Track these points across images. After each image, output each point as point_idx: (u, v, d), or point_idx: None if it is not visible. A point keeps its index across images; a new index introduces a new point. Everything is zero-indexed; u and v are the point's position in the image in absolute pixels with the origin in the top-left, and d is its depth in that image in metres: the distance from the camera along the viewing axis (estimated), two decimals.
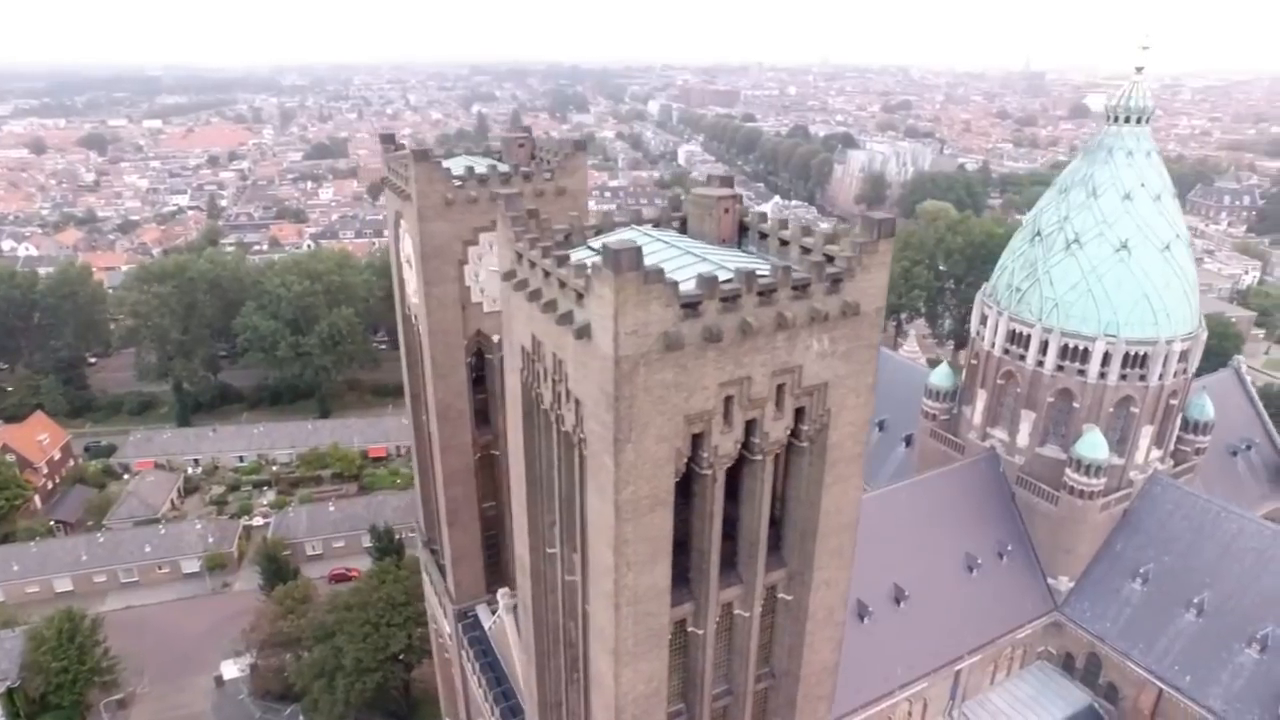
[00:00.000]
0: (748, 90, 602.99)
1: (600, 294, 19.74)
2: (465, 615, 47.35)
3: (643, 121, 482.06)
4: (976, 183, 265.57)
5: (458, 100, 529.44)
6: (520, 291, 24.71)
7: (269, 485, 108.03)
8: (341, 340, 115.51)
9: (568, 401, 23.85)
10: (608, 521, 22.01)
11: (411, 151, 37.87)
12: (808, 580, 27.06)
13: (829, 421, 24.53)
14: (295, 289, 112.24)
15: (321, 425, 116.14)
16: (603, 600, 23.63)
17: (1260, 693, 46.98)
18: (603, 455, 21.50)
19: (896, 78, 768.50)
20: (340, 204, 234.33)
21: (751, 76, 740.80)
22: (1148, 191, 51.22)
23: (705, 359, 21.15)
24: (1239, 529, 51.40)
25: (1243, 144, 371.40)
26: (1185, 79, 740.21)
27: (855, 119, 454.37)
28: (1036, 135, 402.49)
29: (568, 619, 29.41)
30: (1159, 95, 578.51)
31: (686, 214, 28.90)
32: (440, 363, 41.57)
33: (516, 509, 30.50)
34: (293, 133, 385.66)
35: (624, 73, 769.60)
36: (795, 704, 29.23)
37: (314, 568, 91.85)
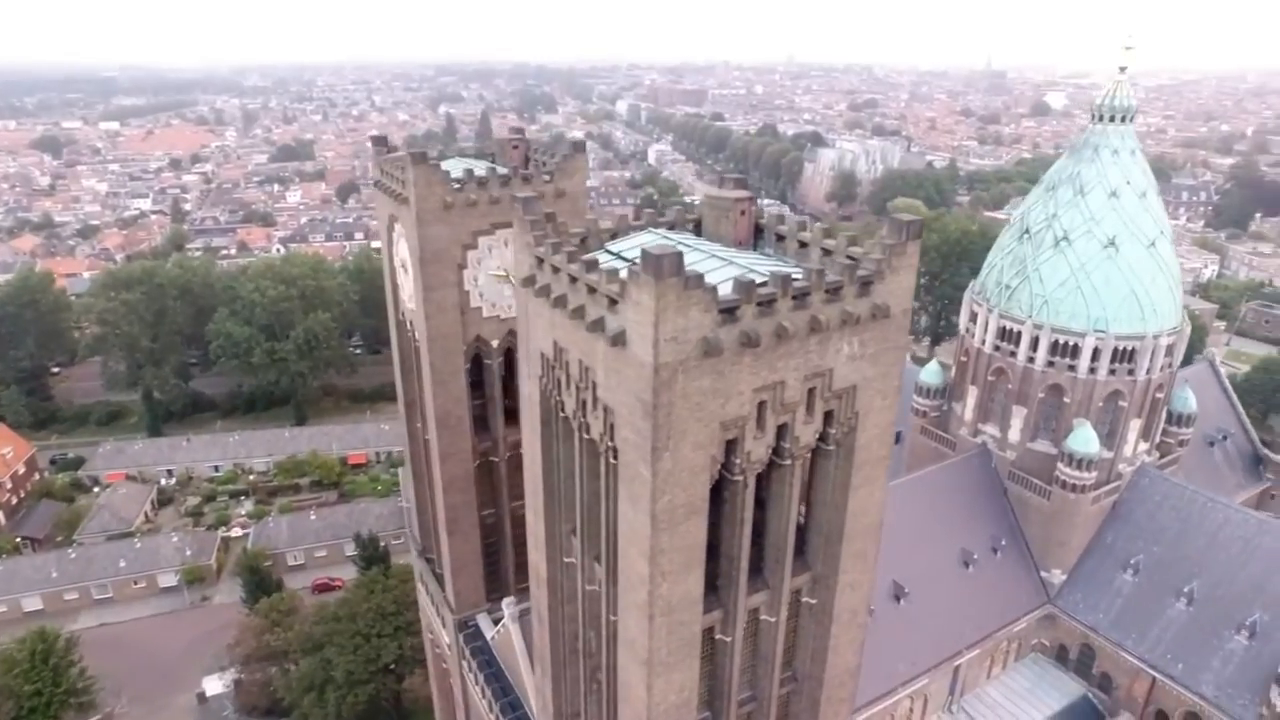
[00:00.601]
0: (715, 89, 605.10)
1: (638, 300, 19.35)
2: (466, 625, 46.59)
3: (611, 121, 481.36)
4: (945, 180, 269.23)
5: (424, 101, 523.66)
6: (542, 298, 24.23)
7: (246, 495, 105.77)
8: (318, 346, 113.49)
9: (594, 409, 23.44)
10: (643, 531, 21.64)
11: (409, 154, 37.10)
12: (832, 583, 26.96)
13: (857, 424, 24.43)
14: (270, 294, 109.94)
15: (299, 432, 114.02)
16: (635, 610, 23.26)
17: (1250, 678, 48.03)
18: (638, 464, 21.13)
19: (861, 76, 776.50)
20: (309, 207, 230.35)
21: (718, 76, 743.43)
22: (1133, 189, 52.09)
23: (741, 364, 20.88)
24: (1225, 518, 52.50)
25: (1195, 141, 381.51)
26: (1139, 78, 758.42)
27: (822, 117, 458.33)
28: (1000, 133, 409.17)
29: (588, 629, 29.01)
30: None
31: (701, 216, 28.63)
32: (439, 369, 40.80)
33: (532, 518, 30.02)
34: (257, 135, 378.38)
35: (590, 72, 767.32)
36: (818, 707, 29.13)
37: (296, 578, 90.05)
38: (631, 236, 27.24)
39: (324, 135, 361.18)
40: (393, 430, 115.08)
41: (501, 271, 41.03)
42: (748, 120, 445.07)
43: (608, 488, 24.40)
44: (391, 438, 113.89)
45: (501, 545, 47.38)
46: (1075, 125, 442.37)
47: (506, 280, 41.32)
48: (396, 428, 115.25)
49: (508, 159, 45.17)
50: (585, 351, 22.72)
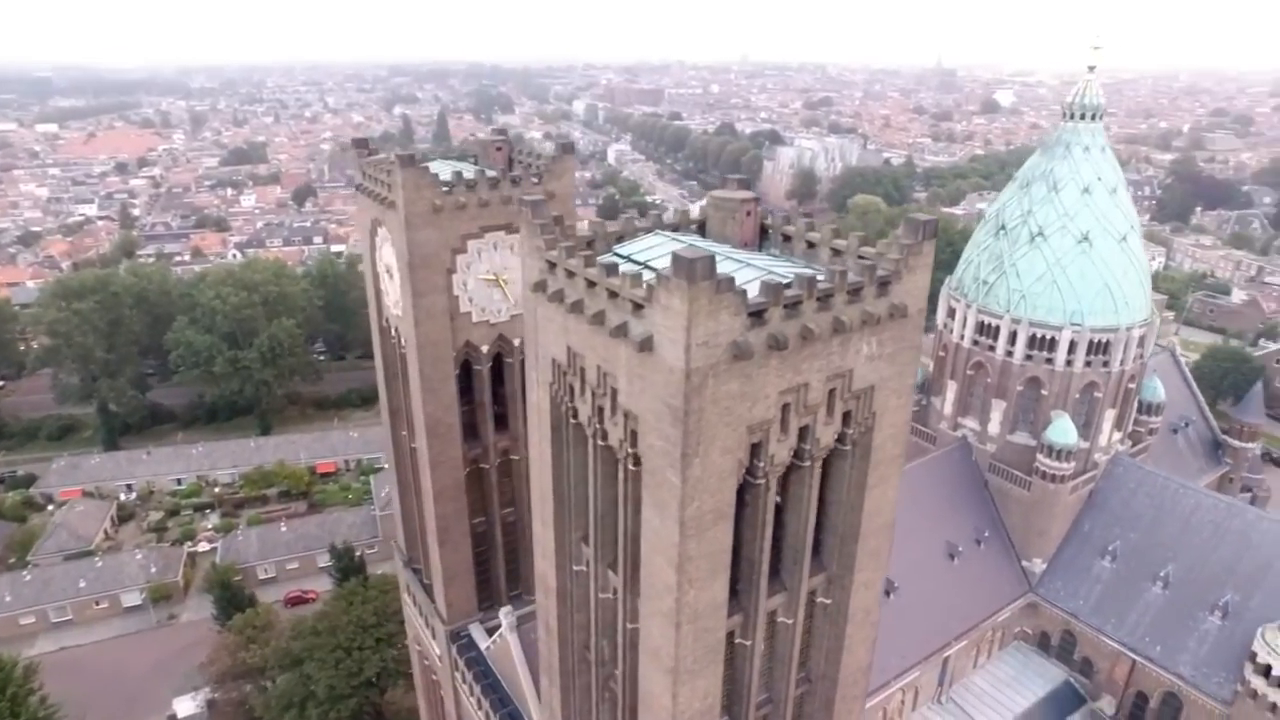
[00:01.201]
0: (671, 89, 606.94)
1: (668, 304, 19.05)
2: (458, 636, 45.76)
3: (569, 121, 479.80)
4: (902, 177, 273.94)
5: (378, 102, 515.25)
6: (555, 303, 23.79)
7: (212, 508, 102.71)
8: (283, 353, 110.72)
9: (613, 416, 23.08)
10: (670, 539, 21.35)
11: (397, 157, 36.26)
12: (847, 583, 26.98)
13: (874, 424, 24.47)
14: (231, 301, 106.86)
15: (264, 442, 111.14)
16: (659, 618, 22.96)
17: (1224, 657, 49.65)
18: (665, 471, 20.83)
19: (815, 75, 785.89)
20: (264, 211, 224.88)
21: (673, 75, 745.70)
22: (1104, 185, 53.39)
23: (768, 367, 20.72)
24: (1196, 504, 54.16)
25: (1137, 138, 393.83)
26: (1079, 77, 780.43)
27: (779, 116, 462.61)
28: (953, 130, 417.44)
29: (600, 637, 28.64)
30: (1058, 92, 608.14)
31: (705, 217, 28.42)
32: (429, 376, 39.96)
33: (539, 527, 29.48)
34: (206, 137, 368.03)
35: (546, 72, 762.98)
36: (833, 706, 29.15)
37: (268, 591, 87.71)
38: (639, 239, 26.91)
39: (276, 137, 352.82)
40: (362, 437, 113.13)
41: (491, 275, 40.45)
42: (705, 119, 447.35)
43: (626, 494, 24.07)
44: (360, 445, 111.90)
45: (492, 553, 46.66)
46: (1024, 122, 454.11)
47: (496, 284, 40.77)
48: (366, 435, 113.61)
49: (491, 160, 44.56)
50: (605, 357, 22.33)
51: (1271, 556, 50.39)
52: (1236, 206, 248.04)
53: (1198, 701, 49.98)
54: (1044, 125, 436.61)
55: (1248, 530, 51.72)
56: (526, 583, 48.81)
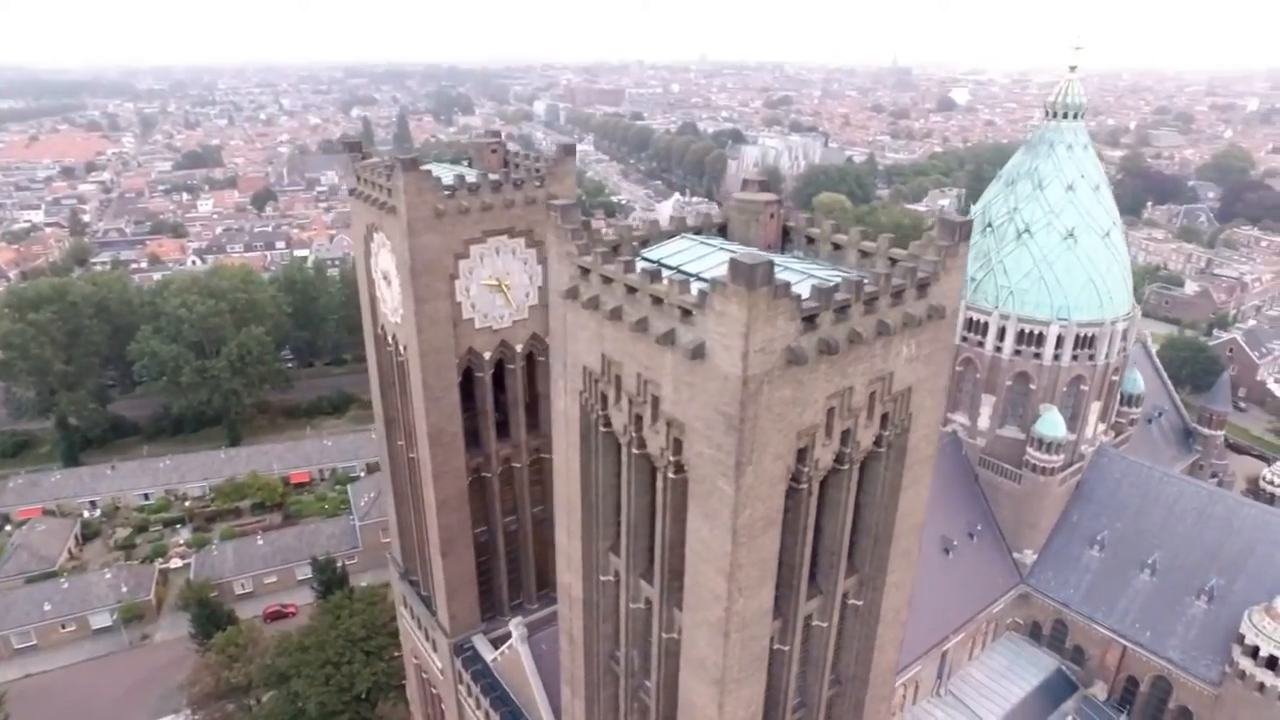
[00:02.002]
0: (632, 89, 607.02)
1: (723, 311, 18.74)
2: (462, 649, 44.92)
3: (530, 122, 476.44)
4: (865, 174, 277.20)
5: (335, 104, 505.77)
6: (590, 310, 23.34)
7: (182, 523, 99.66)
8: (252, 362, 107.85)
9: (654, 425, 22.71)
10: (721, 548, 21.05)
11: (400, 160, 35.40)
12: (879, 584, 26.98)
13: (909, 425, 24.48)
14: (198, 309, 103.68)
15: (235, 453, 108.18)
16: (705, 628, 22.64)
17: (1212, 640, 51.00)
18: (716, 480, 20.52)
19: (774, 74, 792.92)
20: (223, 216, 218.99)
21: (633, 75, 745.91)
22: (1088, 182, 54.47)
23: (818, 372, 20.55)
24: (1179, 491, 55.58)
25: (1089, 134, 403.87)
26: (1030, 75, 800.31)
27: (740, 115, 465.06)
28: (911, 128, 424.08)
29: (631, 647, 28.20)
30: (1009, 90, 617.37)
31: (727, 220, 28.21)
32: (432, 385, 39.12)
33: (564, 537, 28.95)
34: (157, 140, 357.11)
35: (505, 73, 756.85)
36: (863, 707, 29.16)
37: (245, 607, 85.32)
38: (666, 243, 26.55)
39: (231, 140, 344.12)
40: (336, 446, 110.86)
41: (493, 280, 39.78)
42: (667, 119, 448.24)
43: (665, 503, 23.71)
44: (335, 454, 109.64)
45: (494, 563, 45.94)
46: (979, 120, 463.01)
47: (499, 289, 40.11)
48: (340, 443, 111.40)
49: (486, 163, 43.88)
50: (647, 365, 21.95)
51: (1253, 540, 51.89)
52: (1184, 201, 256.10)
53: (1187, 684, 51.27)
54: (999, 123, 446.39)
55: (1229, 516, 53.19)
56: (528, 592, 48.27)
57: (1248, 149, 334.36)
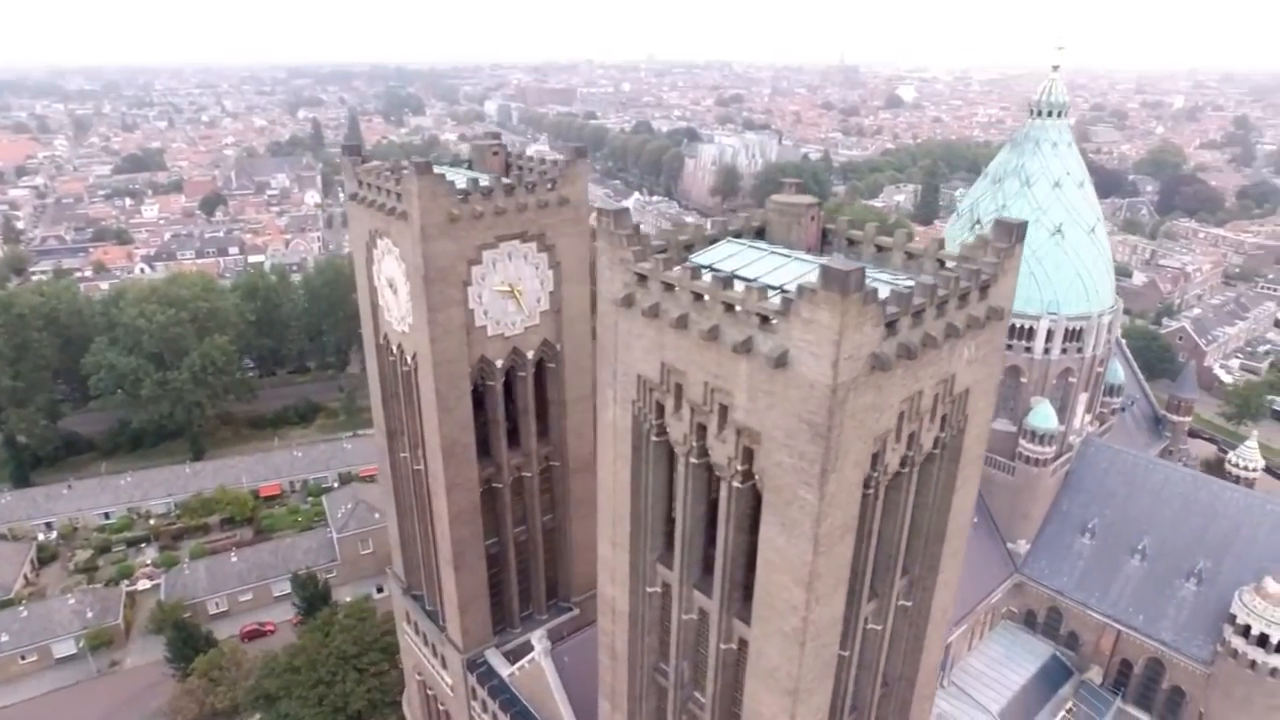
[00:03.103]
0: (583, 88, 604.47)
1: (812, 318, 18.42)
2: (475, 664, 43.86)
3: (483, 123, 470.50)
4: (821, 171, 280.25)
5: (280, 105, 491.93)
6: (650, 318, 22.80)
7: (148, 542, 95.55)
8: (216, 372, 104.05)
9: (720, 434, 22.30)
10: (800, 557, 20.75)
11: (413, 164, 34.27)
12: (930, 584, 27.04)
13: (965, 426, 24.53)
14: (158, 319, 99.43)
15: (200, 467, 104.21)
16: (778, 638, 22.32)
17: (1202, 621, 52.64)
18: (797, 489, 20.20)
19: (723, 72, 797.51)
20: (170, 221, 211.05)
21: (583, 74, 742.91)
22: (1073, 179, 55.70)
23: (894, 377, 20.39)
24: (1164, 478, 57.24)
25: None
26: (972, 72, 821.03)
27: (693, 113, 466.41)
28: (861, 125, 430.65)
29: (681, 659, 27.74)
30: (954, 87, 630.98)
31: (766, 222, 27.90)
32: (445, 395, 38.06)
33: (608, 550, 28.35)
34: (93, 143, 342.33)
35: (453, 73, 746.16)
36: (909, 707, 29.26)
37: (221, 626, 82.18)
38: (712, 248, 26.12)
39: (173, 143, 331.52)
40: (306, 457, 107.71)
41: (506, 286, 38.91)
42: (620, 118, 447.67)
43: (730, 514, 23.34)
44: (306, 465, 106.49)
45: (506, 575, 45.02)
46: (926, 117, 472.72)
47: (511, 295, 39.23)
48: (310, 454, 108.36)
49: (487, 165, 42.98)
50: (716, 374, 21.52)
51: (1237, 523, 53.67)
52: (1125, 195, 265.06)
53: (1180, 664, 52.83)
54: (945, 119, 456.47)
55: (1213, 500, 54.94)
56: (538, 602, 47.49)
57: (1179, 144, 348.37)
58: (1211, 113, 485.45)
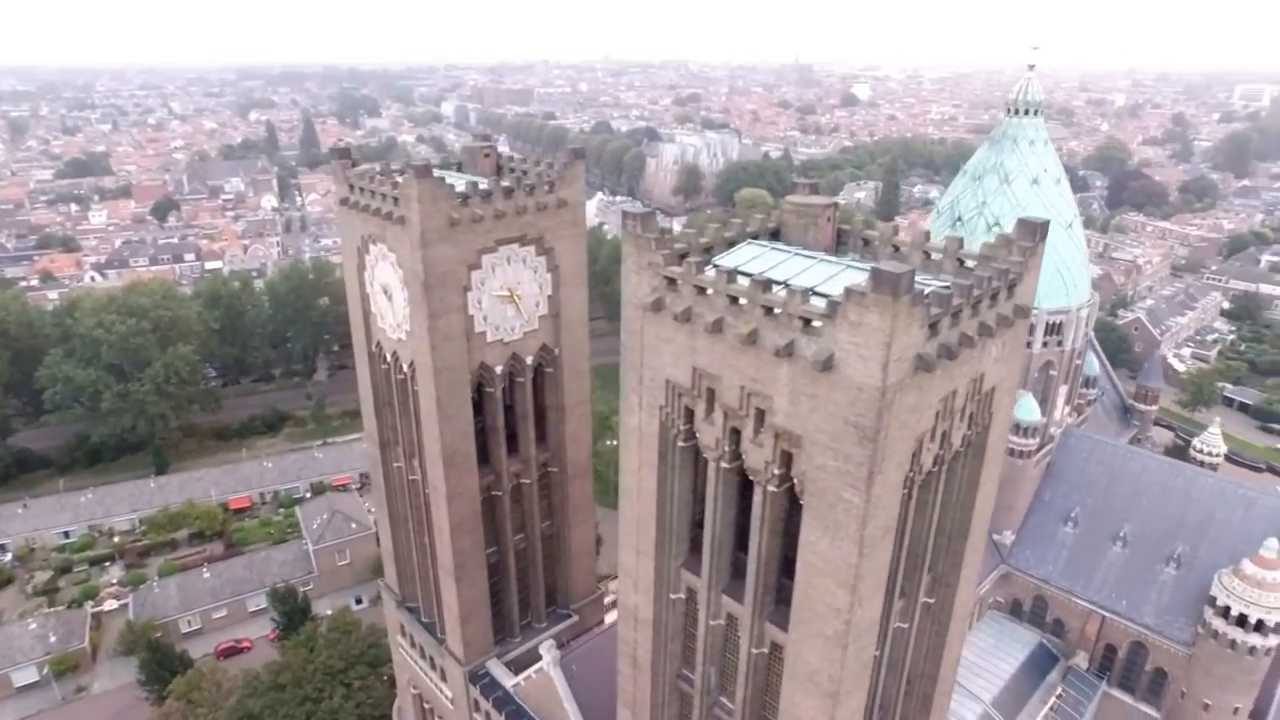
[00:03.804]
0: (540, 88, 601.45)
1: (860, 321, 18.33)
2: (477, 675, 43.09)
3: (440, 124, 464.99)
4: (782, 169, 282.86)
5: (230, 107, 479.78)
6: (682, 323, 22.52)
7: (112, 560, 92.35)
8: (181, 383, 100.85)
9: (757, 438, 22.12)
10: (845, 559, 20.66)
11: (413, 167, 33.54)
12: (953, 580, 27.25)
13: (989, 423, 24.73)
14: (118, 330, 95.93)
15: (166, 481, 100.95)
16: (819, 641, 22.21)
17: (1182, 603, 54.14)
18: (842, 492, 20.10)
19: (679, 72, 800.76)
20: (120, 228, 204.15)
21: (539, 74, 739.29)
22: (1050, 176, 56.81)
23: (934, 377, 20.41)
24: (1142, 466, 58.76)
25: (983, 127, 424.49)
26: (923, 70, 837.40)
27: (651, 113, 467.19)
28: (818, 123, 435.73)
29: (708, 665, 27.50)
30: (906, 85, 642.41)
31: (780, 224, 27.82)
32: (446, 404, 37.27)
33: (630, 558, 27.97)
34: (32, 147, 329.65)
35: (407, 74, 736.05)
36: (931, 703, 29.43)
37: (194, 645, 79.81)
38: (733, 251, 25.91)
39: (119, 147, 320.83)
40: (276, 467, 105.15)
41: (505, 291, 38.29)
42: (579, 118, 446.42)
43: (764, 518, 23.17)
44: (276, 475, 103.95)
45: (505, 584, 44.33)
46: (881, 114, 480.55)
47: (510, 300, 38.61)
48: (280, 464, 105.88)
49: (478, 168, 42.32)
50: (755, 377, 21.32)
51: (1212, 508, 55.33)
52: (1077, 190, 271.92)
53: (1162, 647, 54.25)
54: (900, 117, 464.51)
55: (1189, 487, 56.56)
56: (537, 610, 46.90)
57: (1124, 140, 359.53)
58: (1151, 110, 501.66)
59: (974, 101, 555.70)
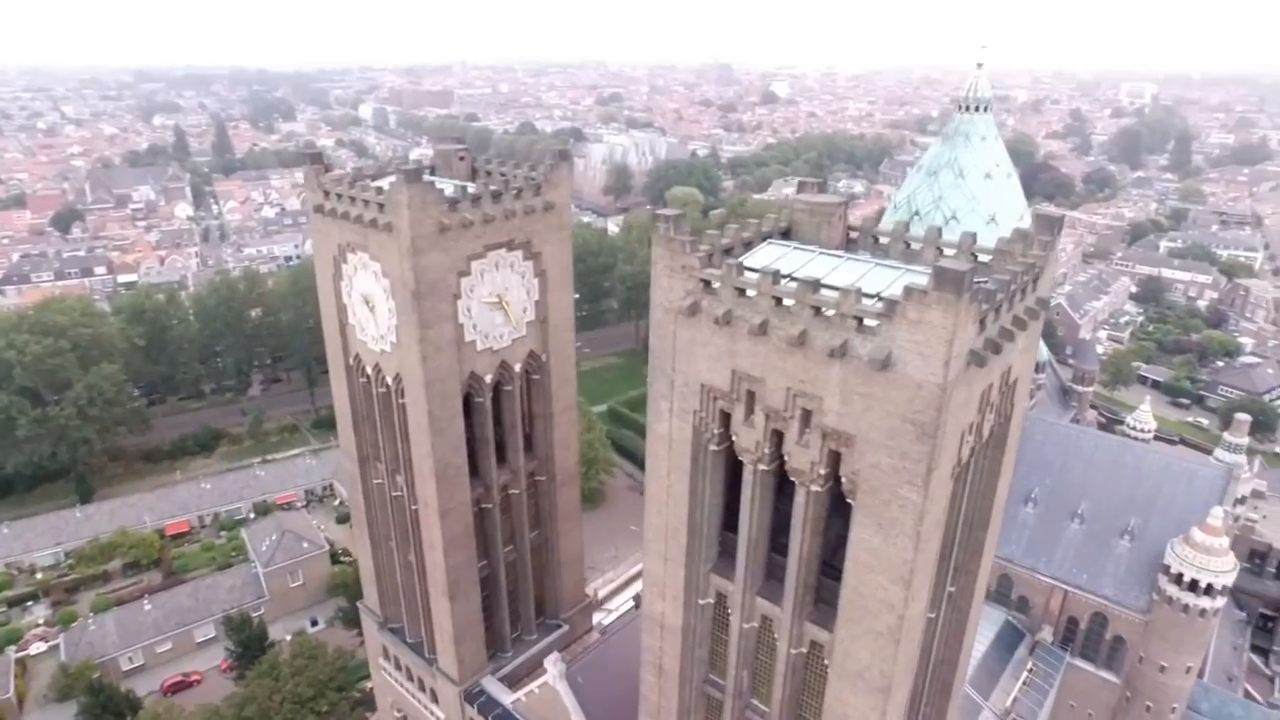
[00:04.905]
0: (460, 90, 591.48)
1: (921, 319, 18.45)
2: (473, 694, 41.87)
3: (360, 127, 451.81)
4: (710, 167, 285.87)
5: (131, 111, 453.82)
6: (722, 326, 22.25)
7: (35, 599, 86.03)
8: (105, 404, 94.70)
9: (802, 439, 22.04)
10: (900, 556, 20.79)
11: (402, 172, 32.21)
12: (974, 569, 27.85)
13: (1011, 413, 25.36)
14: (33, 350, 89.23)
15: (93, 510, 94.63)
16: (870, 638, 22.31)
17: (1138, 574, 56.94)
18: (898, 488, 20.21)
19: (599, 71, 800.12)
20: (15, 240, 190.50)
21: (457, 75, 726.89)
22: (1001, 170, 58.95)
23: (981, 372, 20.74)
24: (1095, 445, 61.58)
25: (899, 123, 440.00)
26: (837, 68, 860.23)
27: (575, 113, 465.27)
28: (741, 120, 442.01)
29: (740, 669, 27.33)
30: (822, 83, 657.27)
31: (792, 223, 27.89)
32: (438, 416, 36.04)
33: (657, 566, 27.59)
34: None
35: (321, 76, 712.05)
36: (950, 689, 30.03)
37: (138, 683, 75.05)
38: (755, 252, 25.79)
39: (7, 154, 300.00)
40: (215, 488, 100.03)
41: (494, 298, 37.29)
42: (502, 119, 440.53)
43: (807, 518, 23.14)
44: (215, 497, 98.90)
45: (497, 598, 43.23)
46: (801, 111, 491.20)
47: (499, 307, 37.62)
48: (220, 485, 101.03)
49: (453, 171, 41.20)
50: (802, 378, 21.22)
51: (1160, 482, 58.43)
52: None
53: (1121, 615, 56.93)
54: (819, 114, 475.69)
55: (1138, 463, 59.60)
56: (526, 622, 45.95)
57: (1029, 134, 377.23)
58: (1050, 106, 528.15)
59: (888, 98, 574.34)
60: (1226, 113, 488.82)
